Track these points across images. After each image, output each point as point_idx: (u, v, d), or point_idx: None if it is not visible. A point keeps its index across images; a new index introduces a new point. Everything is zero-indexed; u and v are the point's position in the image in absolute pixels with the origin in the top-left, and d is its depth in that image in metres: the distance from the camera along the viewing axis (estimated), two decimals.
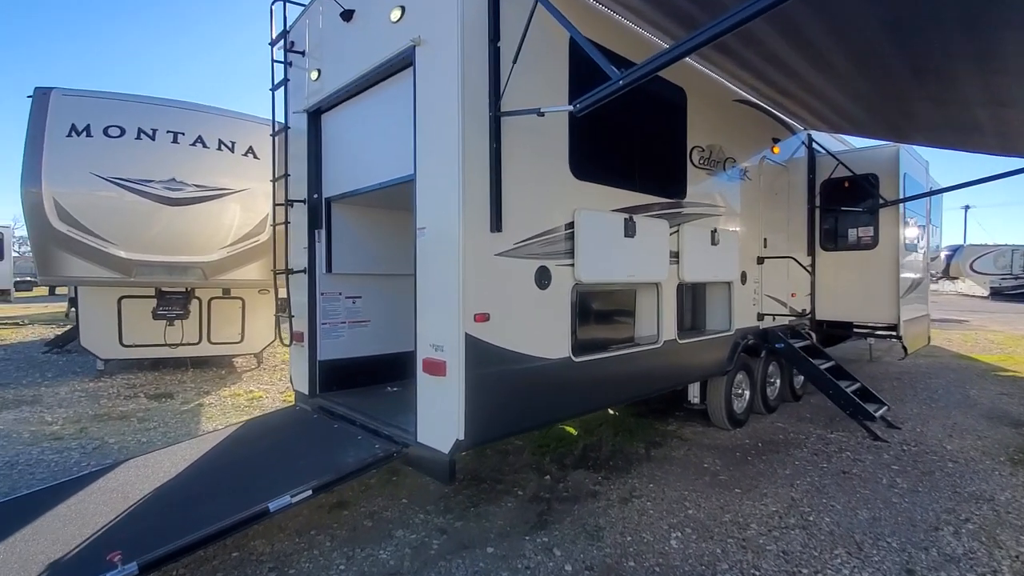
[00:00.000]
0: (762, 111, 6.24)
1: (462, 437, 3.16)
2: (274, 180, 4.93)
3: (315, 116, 4.81)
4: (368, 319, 5.23)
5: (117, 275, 6.83)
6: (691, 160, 5.12)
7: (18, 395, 7.17)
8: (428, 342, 3.40)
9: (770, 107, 6.25)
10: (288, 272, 4.92)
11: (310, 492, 3.05)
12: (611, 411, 6.33)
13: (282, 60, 4.88)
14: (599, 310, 4.55)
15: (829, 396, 6.01)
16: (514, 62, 3.17)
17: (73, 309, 9.98)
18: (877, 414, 5.80)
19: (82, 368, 8.85)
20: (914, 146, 7.56)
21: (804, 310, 7.02)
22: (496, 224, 3.29)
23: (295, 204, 4.94)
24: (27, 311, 18.93)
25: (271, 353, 9.87)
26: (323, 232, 4.85)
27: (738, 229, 5.85)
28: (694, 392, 5.80)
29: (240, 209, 7.35)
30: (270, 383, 8.08)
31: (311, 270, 4.86)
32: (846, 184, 7.26)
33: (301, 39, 4.87)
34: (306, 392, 4.87)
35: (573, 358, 3.87)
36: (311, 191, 4.83)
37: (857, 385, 6.26)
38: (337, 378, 4.94)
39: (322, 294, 4.89)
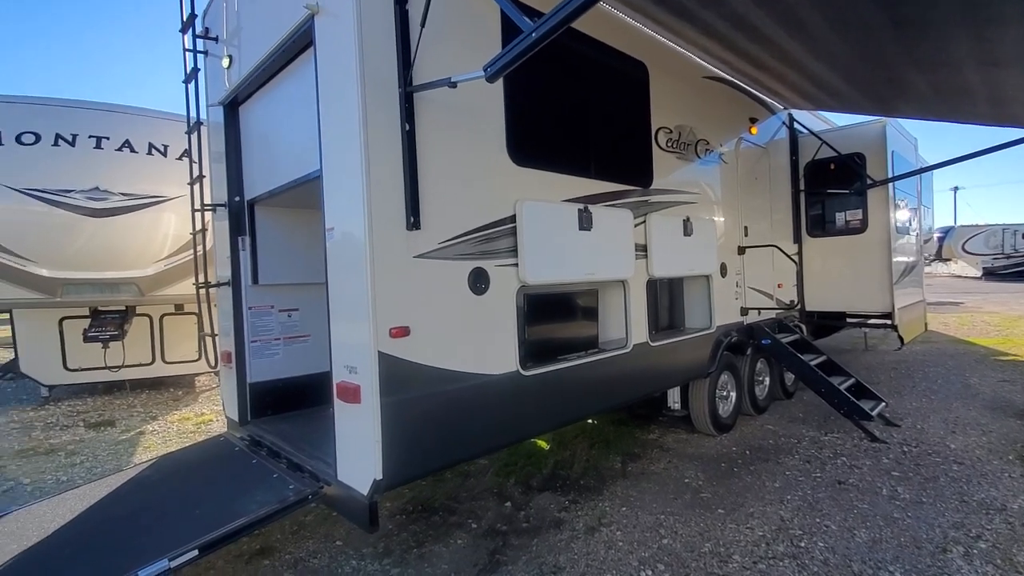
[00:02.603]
0: (736, 88, 5.74)
1: (380, 476, 2.64)
2: (191, 183, 4.38)
3: (232, 108, 4.27)
4: (308, 334, 4.67)
5: (41, 296, 6.25)
6: (657, 143, 4.62)
7: None
8: (343, 363, 2.88)
9: (744, 83, 5.76)
10: (208, 286, 4.38)
11: (196, 552, 2.52)
12: (590, 420, 5.83)
13: (192, 48, 4.33)
14: (554, 314, 4.02)
15: (821, 395, 5.52)
16: (422, 26, 2.65)
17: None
18: (874, 412, 5.31)
19: (28, 395, 8.26)
20: (901, 121, 7.10)
21: (792, 301, 6.53)
22: (414, 221, 2.77)
23: (217, 209, 4.42)
24: None
25: None
26: (247, 239, 4.30)
27: (715, 217, 5.35)
28: (674, 397, 5.31)
29: (176, 218, 6.71)
30: None
31: (236, 282, 4.32)
32: (831, 165, 6.79)
33: (217, 24, 4.33)
34: (236, 419, 4.33)
35: (522, 371, 3.35)
36: (232, 193, 4.29)
37: (851, 381, 5.78)
38: (272, 402, 4.39)
39: (250, 308, 4.34)
